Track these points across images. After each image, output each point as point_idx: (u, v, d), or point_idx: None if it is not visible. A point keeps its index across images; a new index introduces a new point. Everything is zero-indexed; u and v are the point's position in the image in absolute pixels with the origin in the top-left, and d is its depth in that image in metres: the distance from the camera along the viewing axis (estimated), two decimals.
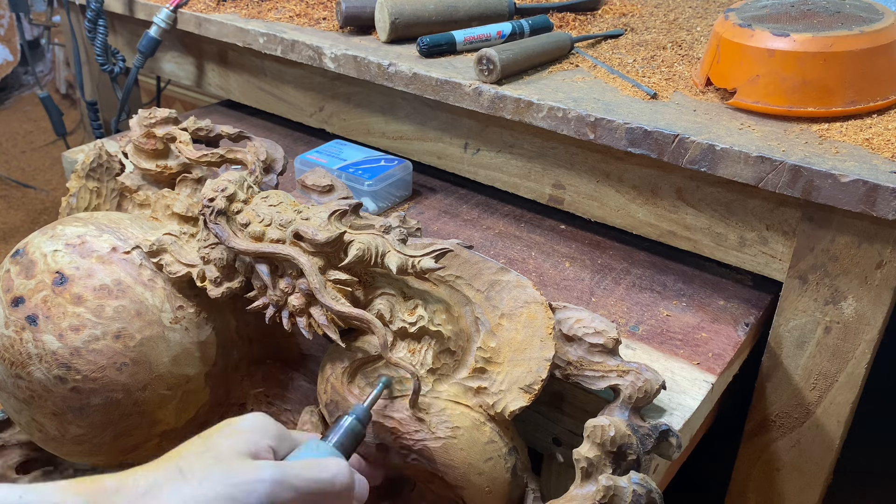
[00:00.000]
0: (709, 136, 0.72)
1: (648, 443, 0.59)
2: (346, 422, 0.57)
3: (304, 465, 0.50)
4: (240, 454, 0.48)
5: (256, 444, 0.50)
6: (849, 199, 0.66)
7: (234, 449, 0.48)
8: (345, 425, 0.57)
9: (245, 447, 0.49)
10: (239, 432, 0.50)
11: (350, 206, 0.66)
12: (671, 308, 0.78)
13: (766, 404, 0.81)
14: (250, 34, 1.05)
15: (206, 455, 0.47)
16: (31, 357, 0.65)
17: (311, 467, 0.50)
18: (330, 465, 0.51)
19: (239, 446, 0.49)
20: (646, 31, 1.00)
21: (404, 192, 0.98)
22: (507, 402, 0.61)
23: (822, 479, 0.81)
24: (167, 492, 0.45)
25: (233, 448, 0.48)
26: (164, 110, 0.80)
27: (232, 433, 0.50)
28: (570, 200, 0.87)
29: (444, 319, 0.64)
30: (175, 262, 0.69)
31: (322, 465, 0.51)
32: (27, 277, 0.67)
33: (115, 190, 0.82)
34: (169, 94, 2.10)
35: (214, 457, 0.47)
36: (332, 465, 0.51)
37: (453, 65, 0.91)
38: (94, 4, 1.22)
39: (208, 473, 0.46)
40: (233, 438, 0.49)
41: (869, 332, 0.71)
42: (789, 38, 0.74)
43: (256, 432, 0.51)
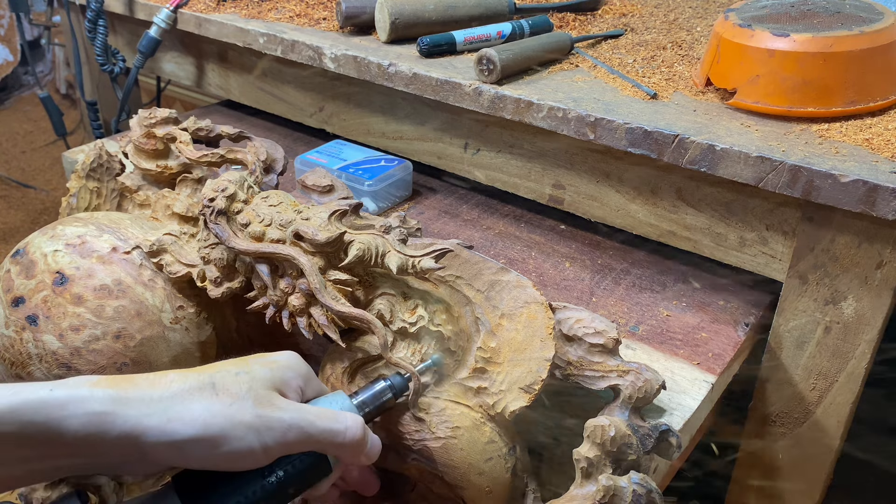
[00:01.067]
0: (709, 137, 0.72)
1: (648, 443, 0.59)
2: (377, 385, 0.58)
3: (321, 413, 0.51)
4: (271, 386, 0.50)
5: (287, 380, 0.51)
6: (849, 199, 0.66)
7: (266, 379, 0.50)
8: (375, 388, 0.58)
9: (277, 381, 0.50)
10: (273, 365, 0.51)
11: (350, 206, 0.66)
12: (671, 308, 0.78)
13: (766, 404, 0.81)
14: (250, 34, 1.05)
15: (240, 378, 0.49)
16: (31, 357, 0.65)
17: (326, 417, 0.51)
18: (345, 418, 0.52)
19: (272, 378, 0.50)
20: (646, 32, 1.00)
21: (404, 192, 0.98)
22: (507, 402, 0.61)
23: (822, 479, 0.81)
24: (198, 400, 0.46)
25: (266, 378, 0.50)
26: (165, 110, 0.80)
27: (267, 363, 0.51)
28: (570, 200, 0.87)
29: (444, 319, 0.64)
30: (175, 262, 0.69)
31: (337, 417, 0.52)
32: (27, 277, 0.67)
33: (116, 190, 0.82)
34: (169, 94, 2.10)
35: (248, 382, 0.49)
36: (347, 419, 0.52)
37: (453, 65, 0.91)
38: (94, 4, 1.22)
39: (239, 396, 0.48)
40: (266, 369, 0.51)
41: (869, 332, 0.71)
42: (789, 39, 0.74)
43: (290, 369, 0.52)
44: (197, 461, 0.47)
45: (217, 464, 0.47)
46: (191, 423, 0.45)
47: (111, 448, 0.44)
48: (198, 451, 0.46)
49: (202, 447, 0.46)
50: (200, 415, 0.46)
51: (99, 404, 0.44)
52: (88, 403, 0.44)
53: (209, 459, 0.46)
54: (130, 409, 0.45)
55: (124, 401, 0.45)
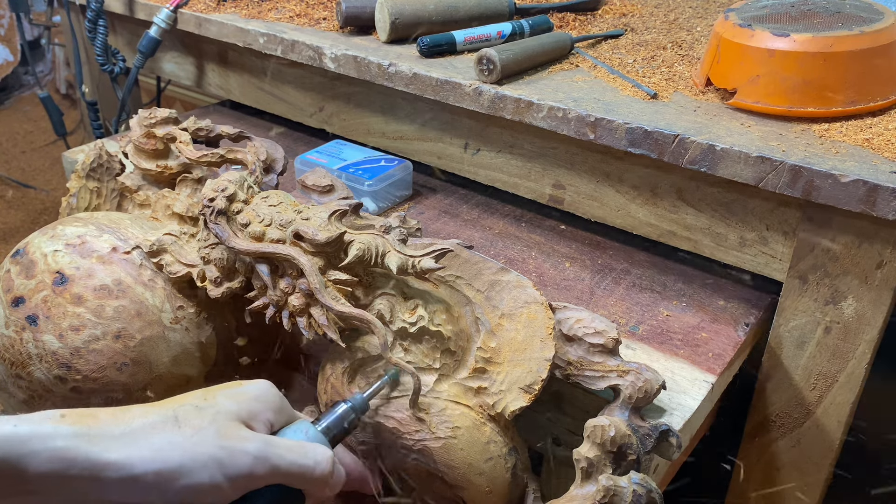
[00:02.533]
0: (709, 136, 0.72)
1: (648, 443, 0.59)
2: (339, 408, 0.58)
3: (291, 446, 0.50)
4: (236, 418, 0.49)
5: (255, 412, 0.50)
6: (849, 199, 0.66)
7: (231, 412, 0.49)
8: (338, 412, 0.57)
9: (243, 413, 0.49)
10: (241, 396, 0.50)
11: (350, 206, 0.66)
12: (671, 308, 0.78)
13: (767, 404, 0.81)
14: (250, 34, 1.05)
15: (203, 410, 0.48)
16: (31, 357, 0.65)
17: (295, 450, 0.50)
18: (314, 452, 0.51)
19: (237, 411, 0.49)
20: (646, 31, 1.00)
21: (404, 192, 0.98)
22: (507, 402, 0.61)
23: (822, 479, 0.81)
24: (159, 434, 0.46)
25: (231, 411, 0.49)
26: (165, 110, 0.80)
27: (234, 396, 0.50)
28: (570, 200, 0.87)
29: (444, 319, 0.64)
30: (175, 262, 0.69)
31: (306, 450, 0.51)
32: (27, 277, 0.67)
33: (116, 190, 0.82)
34: (169, 94, 2.10)
35: (211, 415, 0.48)
36: (316, 453, 0.51)
37: (453, 65, 0.91)
38: (95, 4, 1.22)
39: (201, 428, 0.47)
40: (233, 402, 0.50)
41: (869, 332, 0.71)
42: (789, 39, 0.74)
43: (259, 401, 0.51)
44: (159, 496, 0.45)
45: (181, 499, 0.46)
46: (149, 456, 0.45)
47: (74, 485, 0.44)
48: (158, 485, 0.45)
49: (161, 481, 0.45)
50: (161, 447, 0.45)
51: (62, 440, 0.43)
52: (51, 440, 0.43)
53: (171, 494, 0.45)
54: (92, 444, 0.44)
55: (86, 437, 0.44)
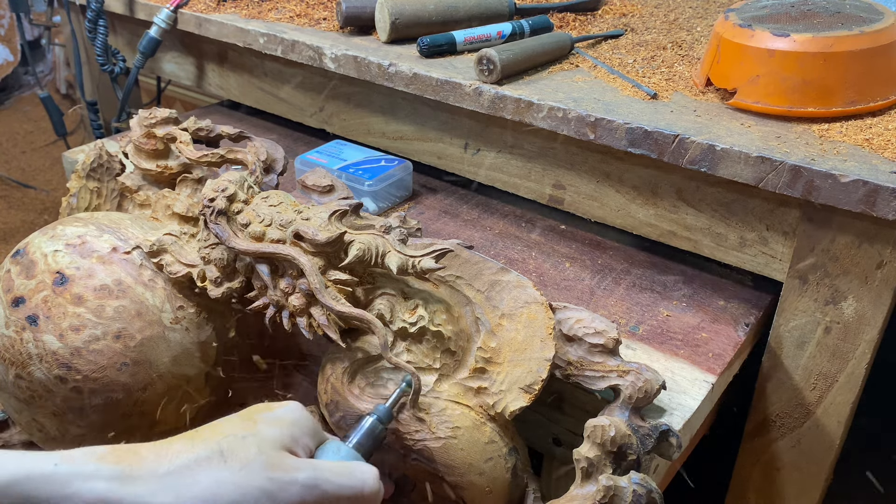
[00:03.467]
0: (709, 137, 0.72)
1: (648, 443, 0.59)
2: (366, 422, 0.57)
3: (336, 469, 0.49)
4: (280, 447, 0.48)
5: (296, 439, 0.49)
6: (849, 199, 0.66)
7: (275, 440, 0.48)
8: (365, 426, 0.57)
9: (286, 440, 0.49)
10: (280, 423, 0.49)
11: (350, 206, 0.66)
12: (671, 308, 0.78)
13: (767, 404, 0.81)
14: (250, 34, 1.05)
15: (247, 441, 0.47)
16: (31, 357, 0.65)
17: (342, 473, 0.49)
18: (360, 472, 0.50)
19: (281, 438, 0.48)
20: (646, 32, 1.00)
21: (404, 193, 0.98)
22: (507, 402, 0.61)
23: (822, 479, 0.81)
24: (206, 471, 0.45)
25: (275, 439, 0.48)
26: (165, 110, 0.80)
27: (274, 422, 0.49)
28: (571, 200, 0.87)
29: (444, 319, 0.64)
30: (175, 262, 0.69)
31: (352, 470, 0.50)
32: (27, 277, 0.67)
33: (116, 190, 0.82)
34: (169, 94, 2.10)
35: (256, 444, 0.47)
36: (362, 471, 0.51)
37: (453, 65, 0.91)
38: (95, 4, 1.22)
39: (249, 461, 0.46)
40: (275, 428, 0.49)
41: (869, 332, 0.71)
42: (789, 39, 0.74)
43: (297, 426, 0.50)
44: None
45: None
46: (200, 496, 0.43)
47: None
48: None
49: None
50: (209, 486, 0.44)
51: (104, 483, 0.42)
52: (93, 481, 0.42)
53: None
54: (137, 486, 0.43)
55: (130, 478, 0.43)
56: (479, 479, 0.62)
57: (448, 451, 0.61)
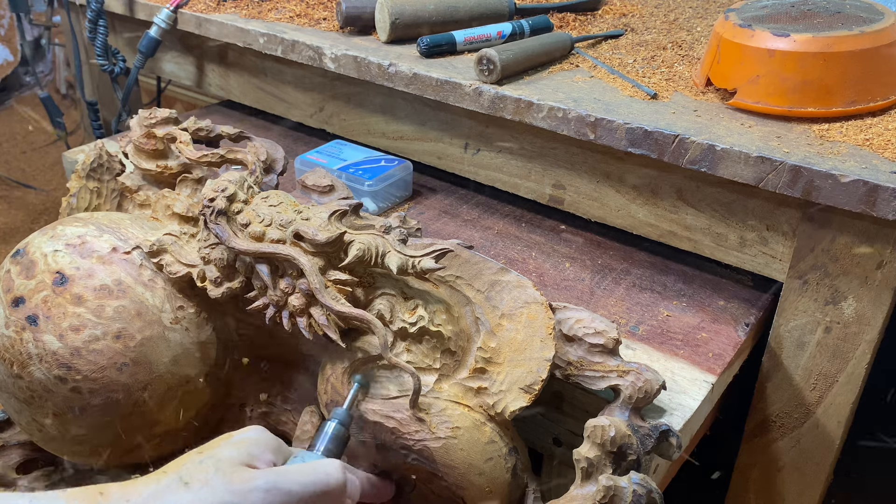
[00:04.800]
0: (709, 137, 0.72)
1: (648, 443, 0.59)
2: (329, 427, 0.58)
3: (298, 469, 0.51)
4: (239, 463, 0.49)
5: (255, 455, 0.51)
6: (849, 199, 0.66)
7: (232, 458, 0.49)
8: (329, 432, 0.58)
9: (245, 457, 0.50)
10: (238, 443, 0.51)
11: (350, 206, 0.66)
12: (671, 308, 0.78)
13: (767, 404, 0.81)
14: (250, 34, 1.05)
15: (205, 463, 0.48)
16: (31, 357, 0.65)
17: (304, 471, 0.51)
18: (323, 466, 0.52)
19: (238, 456, 0.50)
20: (646, 32, 1.00)
21: (404, 193, 0.98)
22: (507, 402, 0.61)
23: (822, 479, 0.81)
24: (170, 497, 0.46)
25: (231, 457, 0.49)
26: (165, 110, 0.80)
27: (231, 444, 0.51)
28: (571, 200, 0.87)
29: (444, 319, 0.64)
30: (175, 262, 0.69)
31: (314, 467, 0.51)
32: (27, 277, 0.67)
33: (116, 190, 0.82)
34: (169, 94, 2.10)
35: (214, 465, 0.48)
36: (325, 466, 0.52)
37: (453, 65, 0.91)
38: (95, 4, 1.22)
39: (207, 480, 0.47)
40: (232, 448, 0.50)
41: (869, 332, 0.71)
42: (789, 39, 0.74)
43: (255, 444, 0.51)
44: None
45: None
46: None
47: None
48: None
49: None
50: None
51: None
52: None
53: None
54: None
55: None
56: (479, 479, 0.62)
57: (448, 451, 0.61)
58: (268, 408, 0.77)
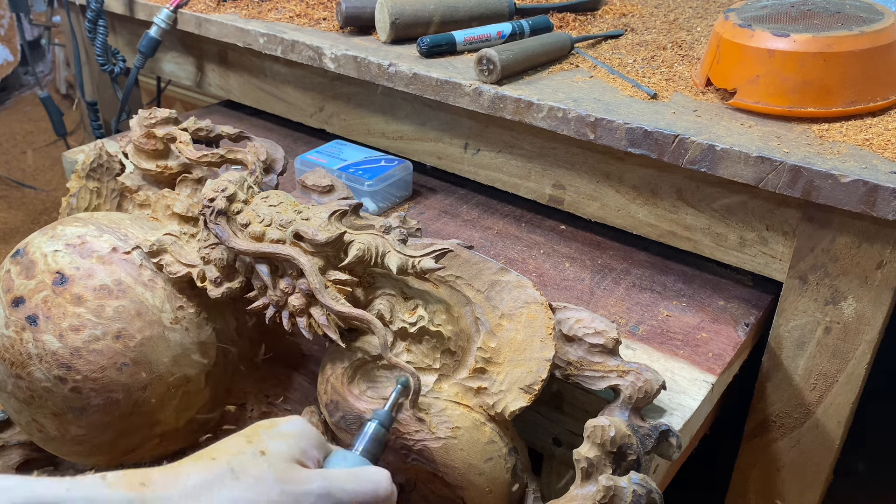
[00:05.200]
0: (709, 137, 0.72)
1: (648, 443, 0.59)
2: (369, 428, 0.57)
3: (348, 476, 0.49)
4: (290, 459, 0.48)
5: (305, 451, 0.49)
6: (849, 199, 0.66)
7: (284, 454, 0.48)
8: (369, 432, 0.57)
9: (295, 453, 0.48)
10: (288, 436, 0.49)
11: (350, 206, 0.66)
12: (671, 308, 0.78)
13: (767, 404, 0.81)
14: (250, 34, 1.05)
15: (257, 457, 0.47)
16: (31, 357, 0.65)
17: (354, 479, 0.49)
18: (371, 475, 0.50)
19: (290, 451, 0.48)
20: (646, 32, 1.00)
21: (404, 193, 0.98)
22: (507, 402, 0.61)
23: (822, 479, 0.81)
24: (220, 491, 0.44)
25: (283, 453, 0.48)
26: (165, 110, 0.80)
27: (280, 436, 0.49)
28: (570, 200, 0.87)
29: (444, 320, 0.64)
30: (175, 262, 0.69)
31: (365, 475, 0.50)
32: (27, 277, 0.67)
33: (116, 190, 0.82)
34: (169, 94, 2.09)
35: (266, 460, 0.46)
36: (375, 475, 0.50)
37: (453, 65, 0.91)
38: (95, 4, 1.22)
39: (261, 477, 0.45)
40: (283, 442, 0.48)
41: (869, 332, 0.71)
42: (789, 39, 0.74)
43: (304, 438, 0.50)
44: None
45: None
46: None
47: None
48: None
49: None
50: None
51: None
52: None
53: None
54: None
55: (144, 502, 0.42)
56: (479, 479, 0.62)
57: (448, 452, 0.61)
58: (268, 408, 0.77)
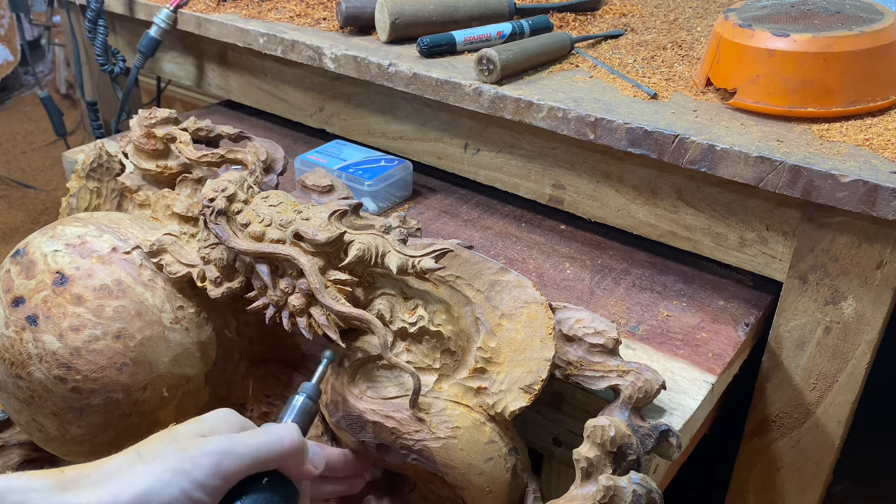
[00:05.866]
0: (709, 137, 0.72)
1: (648, 443, 0.59)
2: (297, 401, 0.58)
3: (250, 433, 0.51)
4: (196, 436, 0.49)
5: (216, 429, 0.50)
6: (849, 199, 0.66)
7: (190, 431, 0.49)
8: (297, 405, 0.58)
9: (203, 431, 0.50)
10: (200, 420, 0.51)
11: (350, 206, 0.66)
12: (671, 308, 0.78)
13: (767, 404, 0.81)
14: (250, 34, 1.05)
15: (163, 437, 0.49)
16: (31, 357, 0.65)
17: (256, 433, 0.50)
18: (276, 429, 0.51)
19: (198, 430, 0.50)
20: (646, 32, 1.00)
21: (404, 193, 0.98)
22: (507, 402, 0.61)
23: (822, 479, 0.81)
24: (127, 471, 0.47)
25: (190, 431, 0.49)
26: (165, 110, 0.80)
27: (193, 421, 0.51)
28: (570, 200, 0.87)
29: (444, 319, 0.64)
30: (175, 262, 0.69)
31: (268, 430, 0.51)
32: (27, 277, 0.67)
33: (116, 190, 0.82)
34: (169, 94, 2.10)
35: (171, 438, 0.49)
36: (277, 429, 0.51)
37: (453, 65, 0.91)
38: (95, 4, 1.22)
39: (162, 452, 0.47)
40: (193, 424, 0.50)
41: (869, 332, 0.71)
42: (789, 39, 0.74)
43: (218, 420, 0.51)
44: None
45: None
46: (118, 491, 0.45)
47: None
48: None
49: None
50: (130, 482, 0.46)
51: (37, 494, 0.44)
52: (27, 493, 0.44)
53: None
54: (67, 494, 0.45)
55: (61, 487, 0.45)
56: (478, 479, 0.62)
57: (448, 451, 0.61)
58: (268, 408, 0.77)
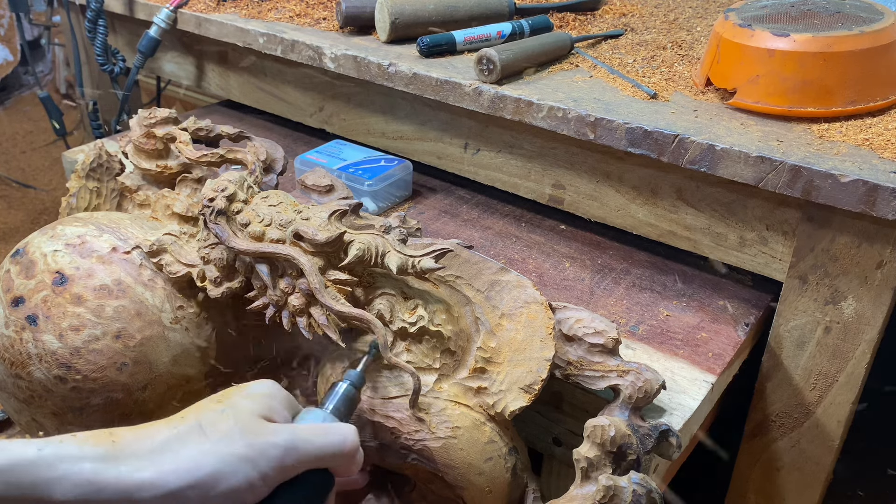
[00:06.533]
0: (709, 137, 0.72)
1: (648, 443, 0.59)
2: (340, 388, 0.58)
3: (315, 429, 0.50)
4: (257, 415, 0.49)
5: (272, 408, 0.50)
6: (849, 199, 0.66)
7: (252, 410, 0.49)
8: (340, 391, 0.58)
9: (262, 410, 0.50)
10: (255, 395, 0.51)
11: (350, 206, 0.66)
12: (671, 308, 0.78)
13: (767, 404, 0.81)
14: (250, 34, 1.05)
15: (225, 414, 0.48)
16: (31, 357, 0.65)
17: (320, 432, 0.50)
18: (338, 429, 0.52)
19: (258, 408, 0.49)
20: (646, 31, 1.00)
21: (404, 192, 0.98)
22: (507, 402, 0.61)
23: (822, 479, 0.81)
24: (187, 446, 0.46)
25: (251, 409, 0.49)
26: (164, 110, 0.80)
27: (248, 395, 0.50)
28: (570, 200, 0.87)
29: (444, 319, 0.64)
30: (175, 262, 0.69)
31: (331, 430, 0.51)
32: (27, 277, 0.67)
33: (115, 190, 0.82)
34: (169, 94, 2.09)
35: (233, 416, 0.48)
36: (342, 429, 0.52)
37: (453, 65, 0.91)
38: (94, 4, 1.22)
39: (227, 431, 0.47)
40: (250, 400, 0.50)
41: (869, 332, 0.71)
42: (789, 38, 0.74)
43: (271, 397, 0.51)
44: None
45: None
46: (184, 469, 0.44)
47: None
48: (196, 497, 0.44)
49: (199, 492, 0.44)
50: (190, 457, 0.45)
51: (90, 463, 0.43)
52: (79, 463, 0.43)
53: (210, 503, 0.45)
54: (122, 464, 0.43)
55: (114, 457, 0.44)
56: (478, 479, 0.62)
57: (448, 451, 0.61)
58: None
